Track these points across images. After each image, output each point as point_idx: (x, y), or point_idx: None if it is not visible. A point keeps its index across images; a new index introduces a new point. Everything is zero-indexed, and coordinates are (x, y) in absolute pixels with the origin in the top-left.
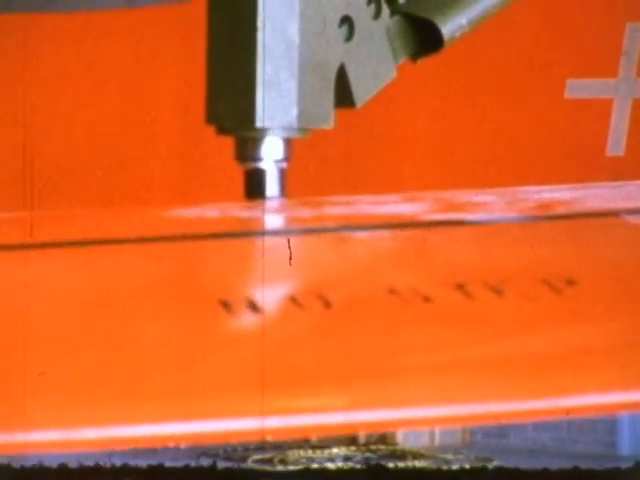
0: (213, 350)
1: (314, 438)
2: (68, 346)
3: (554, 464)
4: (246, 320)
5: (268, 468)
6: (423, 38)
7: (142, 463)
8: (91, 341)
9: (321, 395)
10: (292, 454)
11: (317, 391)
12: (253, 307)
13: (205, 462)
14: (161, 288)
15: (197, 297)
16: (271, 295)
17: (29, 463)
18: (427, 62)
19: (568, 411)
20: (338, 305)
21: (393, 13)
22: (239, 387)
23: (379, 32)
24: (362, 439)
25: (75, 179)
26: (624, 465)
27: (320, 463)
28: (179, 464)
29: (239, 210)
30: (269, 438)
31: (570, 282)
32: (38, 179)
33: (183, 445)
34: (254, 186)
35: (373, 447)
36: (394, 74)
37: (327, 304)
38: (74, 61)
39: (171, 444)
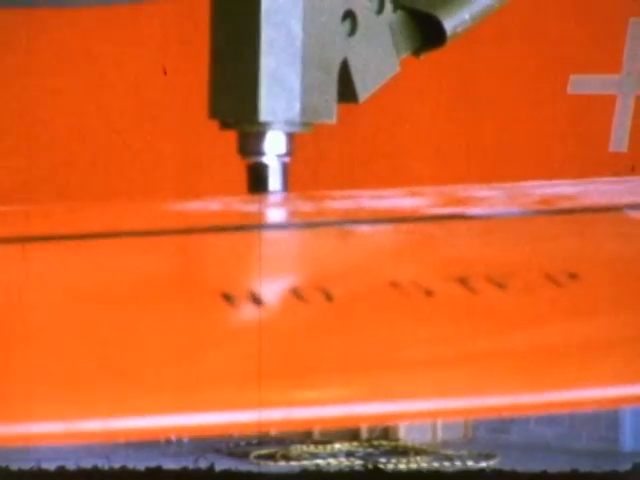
0: (215, 343)
1: (316, 433)
2: (68, 338)
3: (556, 460)
4: (248, 313)
5: (271, 465)
6: (426, 33)
7: (141, 464)
8: (92, 334)
9: (324, 388)
10: (294, 449)
11: (320, 384)
12: (255, 300)
13: (203, 464)
14: (164, 281)
15: (200, 290)
16: (273, 288)
17: (27, 465)
18: (429, 57)
19: (570, 404)
20: (340, 298)
21: (396, 8)
22: (240, 379)
23: (382, 27)
24: (364, 435)
25: (77, 173)
26: (626, 461)
27: (323, 459)
28: (177, 466)
29: (242, 204)
30: (273, 430)
31: (572, 276)
32: (40, 173)
33: (185, 437)
34: (257, 180)
35: (375, 443)
36: (397, 69)
37: (329, 297)
38: (77, 56)
39: (171, 436)
